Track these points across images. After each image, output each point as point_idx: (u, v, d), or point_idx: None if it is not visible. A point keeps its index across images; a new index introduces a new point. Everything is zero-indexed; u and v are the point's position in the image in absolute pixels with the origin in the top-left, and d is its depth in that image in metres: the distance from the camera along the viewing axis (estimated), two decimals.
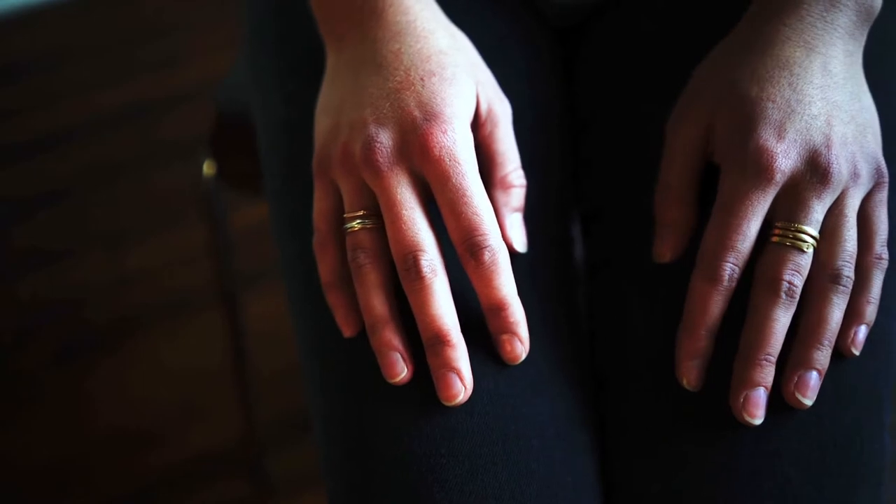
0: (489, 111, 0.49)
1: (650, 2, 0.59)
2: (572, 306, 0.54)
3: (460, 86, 0.47)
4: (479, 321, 0.48)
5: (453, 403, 0.45)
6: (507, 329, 0.46)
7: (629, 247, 0.53)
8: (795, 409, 0.45)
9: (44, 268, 1.35)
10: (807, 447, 0.45)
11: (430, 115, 0.46)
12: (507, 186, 0.50)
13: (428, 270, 0.45)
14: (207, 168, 0.80)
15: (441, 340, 0.45)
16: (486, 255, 0.45)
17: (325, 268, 0.49)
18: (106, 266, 1.35)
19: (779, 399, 0.46)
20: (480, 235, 0.45)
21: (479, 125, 0.49)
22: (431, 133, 0.45)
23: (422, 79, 0.47)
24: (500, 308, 0.46)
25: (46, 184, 1.48)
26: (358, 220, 0.47)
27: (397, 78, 0.47)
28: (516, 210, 0.50)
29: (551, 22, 0.63)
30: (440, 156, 0.45)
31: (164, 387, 1.20)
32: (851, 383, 0.47)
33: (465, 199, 0.45)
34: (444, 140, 0.45)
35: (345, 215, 0.48)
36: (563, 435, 0.47)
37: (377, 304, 0.46)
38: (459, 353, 0.45)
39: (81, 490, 1.12)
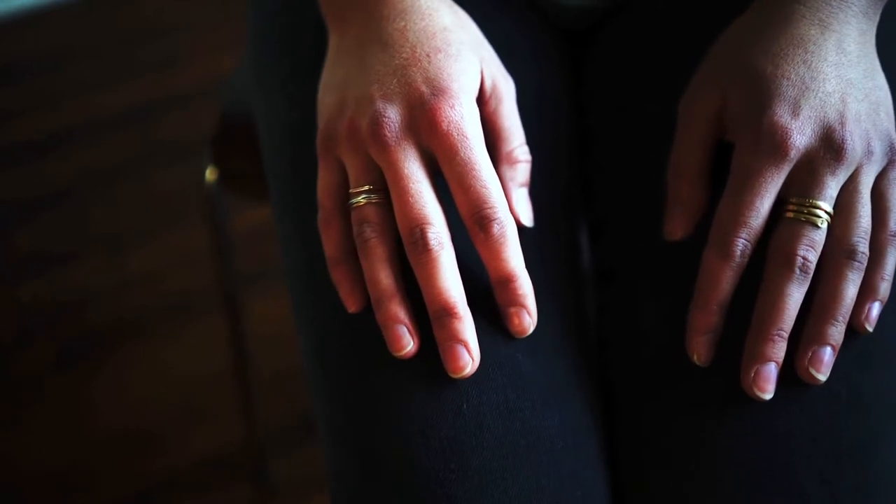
0: (493, 87, 0.50)
1: (658, 7, 0.59)
2: (581, 312, 0.53)
3: (465, 62, 0.48)
4: (487, 321, 0.47)
5: (461, 375, 0.45)
6: (516, 301, 0.46)
7: (639, 252, 0.53)
8: (811, 420, 0.45)
9: (45, 270, 1.35)
10: (821, 459, 0.45)
11: (437, 90, 0.46)
12: (513, 161, 0.50)
13: (435, 243, 0.45)
14: (210, 173, 0.80)
15: (448, 313, 0.45)
16: (496, 228, 0.45)
17: (330, 243, 0.49)
18: (107, 268, 1.35)
19: (794, 409, 0.45)
20: (489, 208, 0.45)
21: (483, 101, 0.49)
22: (439, 108, 0.46)
23: (427, 55, 0.47)
24: (508, 280, 0.46)
25: (47, 186, 1.48)
26: (363, 195, 0.47)
27: (403, 55, 0.48)
28: (522, 185, 0.51)
29: (560, 25, 0.63)
30: (448, 130, 0.45)
31: (165, 389, 1.20)
32: (867, 394, 0.46)
33: (474, 172, 0.45)
34: (452, 114, 0.46)
35: (350, 190, 0.48)
36: (572, 447, 0.47)
37: (383, 277, 0.46)
38: (466, 325, 0.45)
39: (83, 493, 1.11)
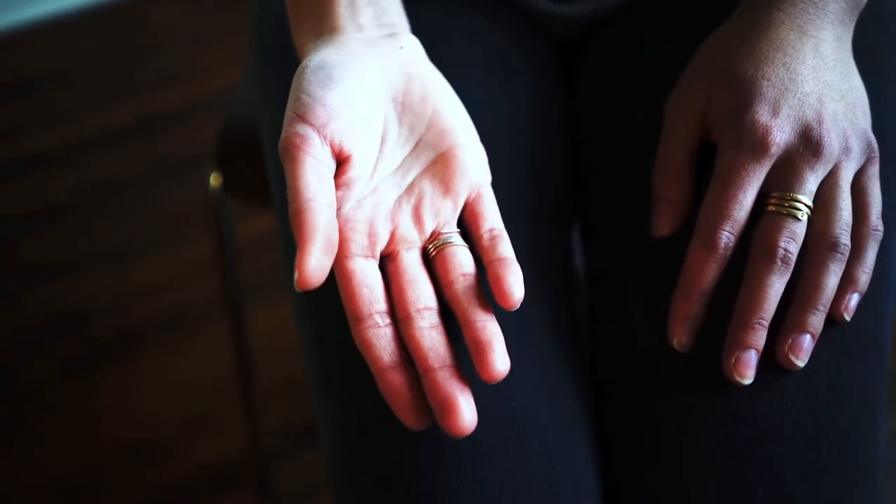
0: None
1: (649, 17, 0.60)
2: (572, 315, 0.54)
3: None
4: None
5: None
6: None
7: (630, 255, 0.54)
8: (791, 412, 0.47)
9: (49, 283, 1.36)
10: (802, 449, 0.46)
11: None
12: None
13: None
14: (214, 179, 0.81)
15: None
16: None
17: None
18: (111, 280, 1.36)
19: (776, 402, 0.47)
20: None
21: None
22: None
23: None
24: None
25: (51, 199, 1.49)
26: None
27: None
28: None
29: (554, 34, 0.64)
30: None
31: (170, 399, 1.21)
32: (846, 386, 0.47)
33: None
34: None
35: None
36: (564, 436, 0.48)
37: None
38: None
39: (89, 503, 1.12)
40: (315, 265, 0.40)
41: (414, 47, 0.50)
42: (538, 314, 0.51)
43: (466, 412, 0.40)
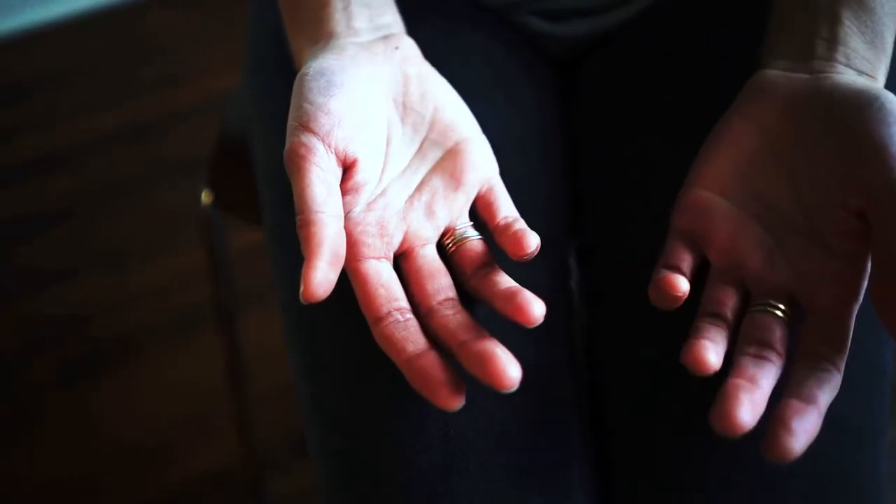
0: None
1: (645, 37, 0.60)
2: (570, 336, 0.54)
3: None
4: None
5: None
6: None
7: (633, 276, 0.53)
8: None
9: (48, 286, 1.36)
10: (805, 484, 0.46)
11: None
12: None
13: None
14: (206, 196, 0.81)
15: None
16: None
17: None
18: (109, 284, 1.36)
19: None
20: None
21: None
22: None
23: None
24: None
25: (50, 203, 1.49)
26: None
27: None
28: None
29: (551, 55, 0.64)
30: None
31: (167, 404, 1.21)
32: (849, 416, 0.47)
33: None
34: None
35: None
36: (562, 469, 0.48)
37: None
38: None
39: None
40: (321, 278, 0.40)
41: (409, 48, 0.50)
42: (536, 337, 0.50)
43: (509, 361, 0.39)
